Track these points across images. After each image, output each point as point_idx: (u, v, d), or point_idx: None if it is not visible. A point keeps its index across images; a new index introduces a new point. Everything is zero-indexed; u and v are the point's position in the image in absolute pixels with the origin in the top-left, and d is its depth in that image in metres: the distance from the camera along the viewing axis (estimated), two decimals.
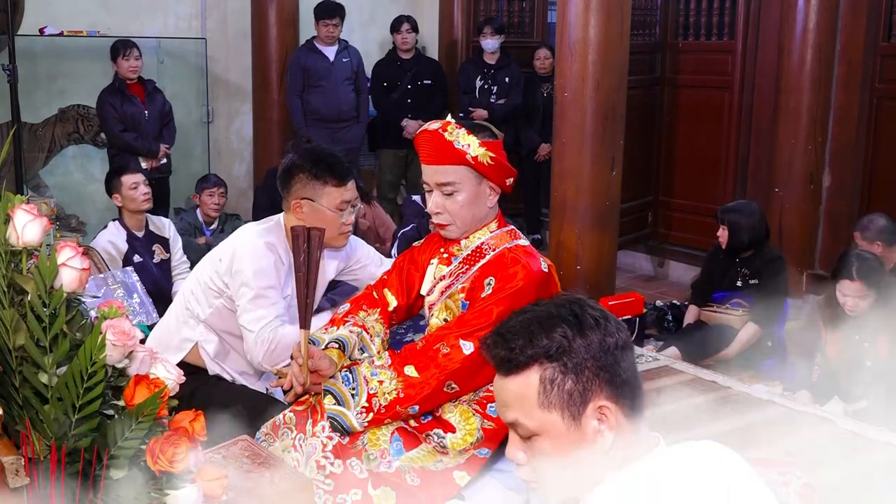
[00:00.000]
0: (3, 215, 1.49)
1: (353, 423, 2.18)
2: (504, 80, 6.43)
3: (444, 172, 2.26)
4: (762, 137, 5.52)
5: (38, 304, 1.44)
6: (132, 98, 5.57)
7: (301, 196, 2.67)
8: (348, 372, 2.22)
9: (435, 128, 2.27)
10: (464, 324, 2.21)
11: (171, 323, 2.86)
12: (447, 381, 2.19)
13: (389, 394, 2.17)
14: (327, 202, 2.66)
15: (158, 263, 4.48)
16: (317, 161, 2.68)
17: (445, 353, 2.17)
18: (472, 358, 2.17)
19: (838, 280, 3.70)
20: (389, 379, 2.18)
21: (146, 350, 1.56)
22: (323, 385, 2.22)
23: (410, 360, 2.20)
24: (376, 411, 2.18)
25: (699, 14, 5.92)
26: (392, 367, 2.20)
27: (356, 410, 2.18)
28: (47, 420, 1.42)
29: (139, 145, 5.56)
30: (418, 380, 2.17)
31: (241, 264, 2.65)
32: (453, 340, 2.18)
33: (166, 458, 1.44)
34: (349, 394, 2.19)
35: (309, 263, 2.32)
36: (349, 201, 2.70)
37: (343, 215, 2.68)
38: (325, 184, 2.66)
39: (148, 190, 4.42)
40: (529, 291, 2.21)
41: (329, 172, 2.65)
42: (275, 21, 6.33)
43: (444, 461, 2.22)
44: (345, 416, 2.18)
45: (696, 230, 5.89)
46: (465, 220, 2.30)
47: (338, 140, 6.08)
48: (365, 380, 2.19)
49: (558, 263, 4.62)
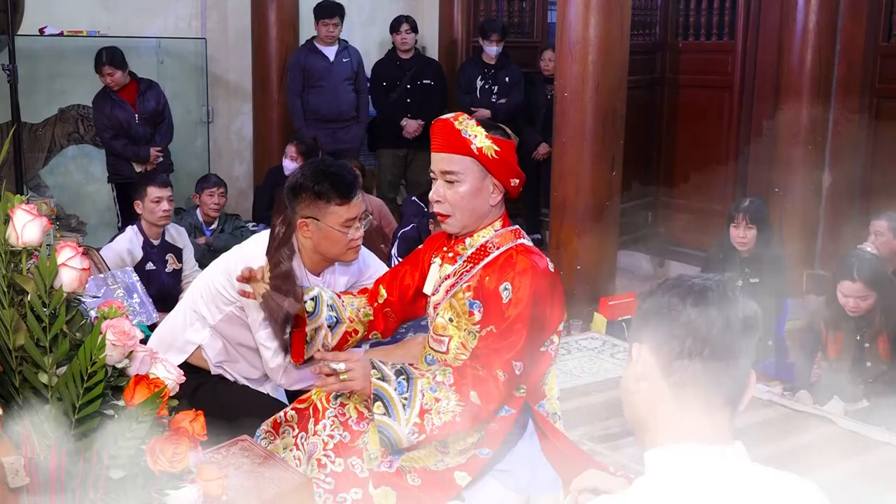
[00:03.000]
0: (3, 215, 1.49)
1: (402, 439, 2.09)
2: (504, 79, 6.43)
3: (449, 161, 2.27)
4: (762, 137, 5.52)
5: (38, 304, 1.44)
6: (121, 102, 5.56)
7: (306, 215, 2.61)
8: (405, 380, 2.11)
9: (447, 117, 2.30)
10: (501, 346, 2.16)
11: (176, 323, 2.82)
12: (500, 405, 2.18)
13: (446, 414, 2.09)
14: (332, 221, 2.59)
15: (170, 273, 4.50)
16: (319, 179, 2.59)
17: (504, 380, 2.14)
18: (521, 375, 2.18)
19: (839, 281, 3.70)
20: (448, 399, 2.10)
21: (146, 350, 1.56)
22: (373, 388, 2.10)
23: (474, 385, 2.12)
24: (429, 432, 2.09)
25: (699, 14, 5.92)
26: (455, 387, 2.11)
27: (409, 428, 2.07)
28: (47, 420, 1.42)
29: (128, 152, 5.57)
30: (479, 408, 2.12)
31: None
32: (507, 366, 2.14)
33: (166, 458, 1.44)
34: (400, 403, 2.08)
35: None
36: (355, 218, 2.62)
37: (350, 232, 2.61)
38: (329, 203, 2.57)
39: (169, 208, 4.44)
40: (545, 288, 2.21)
41: (332, 191, 2.57)
42: (275, 21, 6.34)
43: (445, 461, 2.22)
44: (393, 429, 2.08)
45: (696, 230, 5.89)
46: (465, 212, 2.29)
47: (338, 140, 6.09)
48: (421, 392, 2.10)
49: (558, 263, 4.62)
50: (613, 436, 3.48)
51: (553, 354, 2.33)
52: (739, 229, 4.24)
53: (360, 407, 2.26)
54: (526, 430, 2.35)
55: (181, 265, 4.56)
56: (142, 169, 5.57)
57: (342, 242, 2.61)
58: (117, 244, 4.44)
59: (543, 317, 2.22)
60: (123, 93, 5.58)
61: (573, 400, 3.84)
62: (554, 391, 2.39)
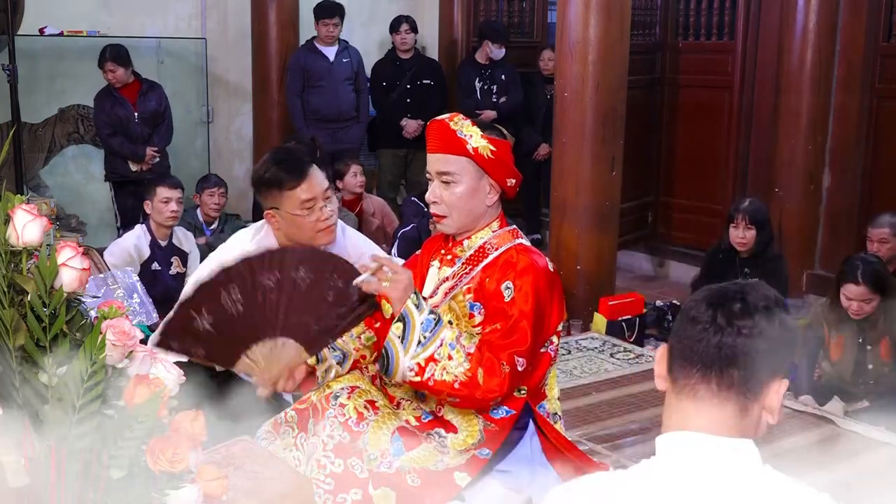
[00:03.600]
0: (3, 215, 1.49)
1: (399, 371, 2.10)
2: (501, 78, 6.44)
3: (445, 161, 2.26)
4: (762, 137, 5.52)
5: (38, 304, 1.44)
6: (122, 100, 5.57)
7: (268, 206, 2.59)
8: (434, 321, 2.10)
9: (443, 118, 2.29)
10: (506, 343, 2.15)
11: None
12: (496, 398, 2.16)
13: (448, 375, 2.09)
14: (290, 206, 2.55)
15: (174, 275, 4.51)
16: (268, 167, 2.56)
17: (507, 372, 2.13)
18: (523, 372, 2.16)
19: (843, 284, 3.69)
20: (460, 363, 2.09)
21: (146, 350, 1.56)
22: (402, 309, 2.08)
23: (484, 365, 2.12)
24: (425, 379, 2.09)
25: (699, 14, 5.92)
26: (470, 358, 2.11)
27: (411, 364, 2.08)
28: (47, 420, 1.42)
29: (124, 150, 5.58)
30: (479, 389, 2.11)
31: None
32: (511, 360, 2.13)
33: (166, 458, 1.44)
34: (418, 338, 2.08)
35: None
36: (313, 198, 2.55)
37: (312, 214, 2.56)
38: (282, 188, 2.54)
39: (178, 209, 4.46)
40: (545, 287, 2.21)
41: (282, 176, 2.53)
42: (275, 21, 6.34)
43: (445, 461, 2.22)
44: (397, 356, 2.09)
45: (696, 230, 5.89)
46: (461, 213, 2.29)
47: (338, 140, 6.09)
48: (440, 341, 2.09)
49: (558, 263, 4.62)
50: (613, 436, 3.49)
51: (553, 355, 2.33)
52: (739, 229, 4.24)
53: (359, 407, 2.26)
54: (526, 430, 2.35)
55: (185, 269, 4.57)
56: (137, 168, 5.59)
57: (307, 226, 2.56)
58: (125, 240, 4.46)
59: (544, 315, 2.22)
60: (125, 91, 5.59)
61: (573, 400, 3.84)
62: (554, 391, 2.39)
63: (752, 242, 4.24)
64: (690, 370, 1.28)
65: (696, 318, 1.29)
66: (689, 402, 1.28)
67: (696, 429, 1.27)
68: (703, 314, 1.28)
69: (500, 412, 2.25)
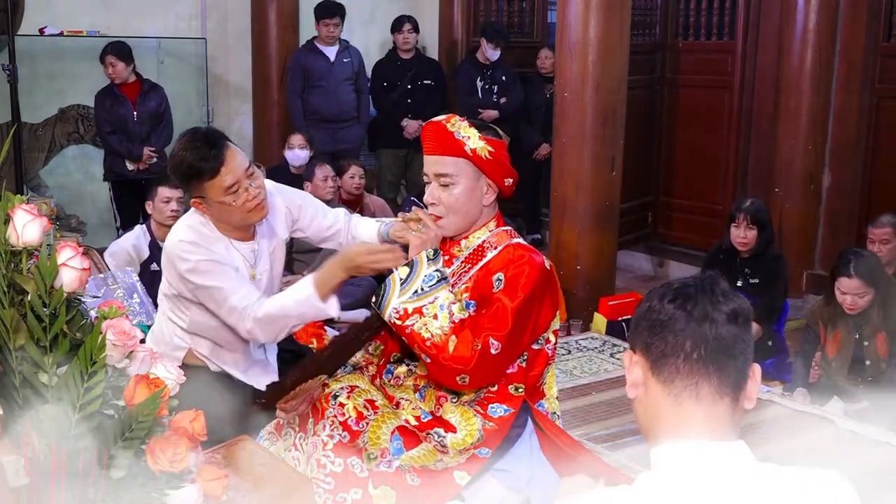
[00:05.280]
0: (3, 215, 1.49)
1: (387, 309, 2.18)
2: (502, 78, 6.44)
3: (442, 163, 2.27)
4: (762, 137, 5.52)
5: (38, 304, 1.44)
6: (122, 99, 5.58)
7: (193, 195, 2.50)
8: (438, 278, 2.20)
9: (439, 119, 2.30)
10: (487, 325, 2.17)
11: (163, 332, 2.75)
12: (462, 374, 2.16)
13: (425, 332, 2.15)
14: (215, 195, 2.44)
15: None
16: (182, 159, 2.44)
17: (479, 350, 2.14)
18: (496, 357, 2.16)
19: (836, 278, 3.70)
20: (441, 327, 2.16)
21: (146, 350, 1.56)
22: (416, 258, 2.21)
23: (459, 337, 2.15)
24: (403, 325, 2.17)
25: (699, 14, 5.92)
26: (452, 326, 2.16)
27: (399, 306, 2.17)
28: (47, 420, 1.42)
29: (121, 149, 5.58)
30: (446, 356, 2.14)
31: (184, 269, 2.49)
32: (485, 341, 2.15)
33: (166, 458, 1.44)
34: (416, 288, 2.17)
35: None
36: (236, 182, 2.43)
37: (238, 197, 2.44)
38: (201, 179, 2.43)
39: (178, 209, 4.45)
40: (537, 282, 2.21)
41: (199, 166, 2.41)
42: (275, 21, 6.34)
43: (445, 460, 2.22)
44: (391, 295, 2.18)
45: (696, 230, 5.89)
46: (459, 214, 2.30)
47: (338, 140, 6.09)
48: (434, 298, 2.18)
49: (558, 263, 4.62)
50: (613, 436, 3.49)
51: (550, 353, 2.33)
52: (740, 229, 4.24)
53: (359, 407, 2.26)
54: (525, 429, 2.35)
55: None
56: (134, 168, 5.59)
57: (237, 210, 2.47)
58: (124, 240, 4.48)
59: (532, 308, 2.21)
60: (126, 90, 5.60)
61: (573, 400, 3.85)
62: (553, 391, 2.39)
63: (754, 242, 4.24)
64: (690, 369, 1.26)
65: (674, 318, 1.26)
66: (691, 403, 1.26)
67: (696, 433, 1.25)
68: (677, 312, 1.26)
69: (498, 411, 2.25)
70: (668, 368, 1.27)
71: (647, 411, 1.31)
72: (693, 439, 1.25)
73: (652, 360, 1.29)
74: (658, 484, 1.24)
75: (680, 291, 1.29)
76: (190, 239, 2.50)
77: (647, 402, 1.31)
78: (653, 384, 1.29)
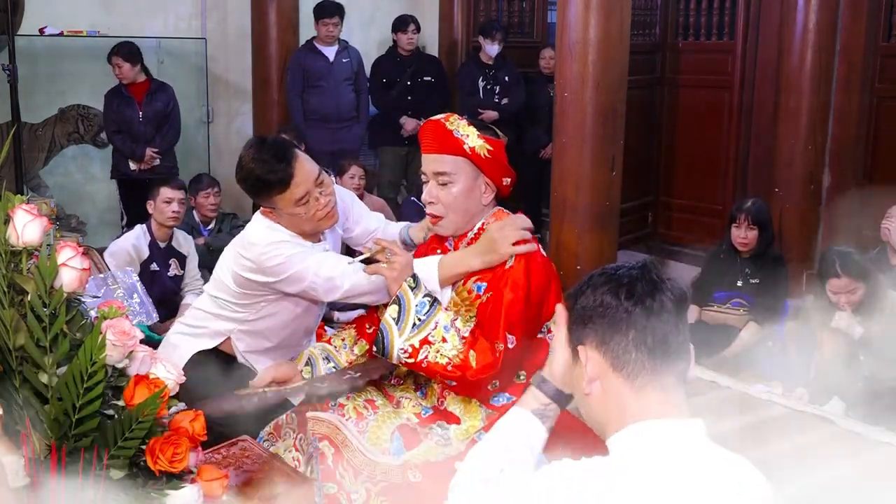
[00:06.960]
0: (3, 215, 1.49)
1: (394, 353, 2.14)
2: (504, 79, 6.43)
3: (441, 162, 2.27)
4: (762, 137, 5.52)
5: (38, 304, 1.44)
6: (129, 100, 5.60)
7: (263, 205, 2.51)
8: (430, 303, 2.16)
9: (438, 118, 2.30)
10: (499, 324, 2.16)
11: (206, 317, 2.69)
12: (492, 381, 2.15)
13: (442, 357, 2.12)
14: (285, 206, 2.44)
15: (171, 277, 4.53)
16: (247, 177, 2.44)
17: (501, 350, 2.12)
18: (514, 350, 2.14)
19: (825, 280, 3.70)
20: (454, 346, 2.13)
21: (146, 350, 1.56)
22: (398, 291, 2.16)
23: (477, 348, 2.13)
24: (419, 361, 2.13)
25: (699, 14, 5.92)
26: (465, 341, 2.13)
27: (405, 346, 2.13)
28: (47, 420, 1.42)
29: (125, 148, 5.60)
30: (472, 371, 2.12)
31: (273, 265, 2.45)
32: (503, 338, 2.13)
33: (166, 458, 1.44)
34: (412, 320, 2.14)
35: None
36: (307, 194, 2.42)
37: (310, 208, 2.44)
38: (270, 192, 2.42)
39: (180, 209, 4.47)
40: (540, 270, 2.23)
41: (268, 178, 2.40)
42: (275, 21, 6.33)
43: (447, 451, 2.21)
44: (392, 337, 2.14)
45: (696, 230, 5.89)
46: (458, 212, 2.29)
47: (338, 140, 6.09)
48: (435, 323, 2.14)
49: (558, 263, 4.61)
50: None
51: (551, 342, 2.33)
52: (741, 230, 4.24)
53: (359, 407, 2.26)
54: None
55: (182, 272, 4.58)
56: (137, 167, 5.59)
57: (308, 219, 2.46)
58: (124, 240, 4.48)
59: (539, 299, 2.21)
60: (133, 90, 5.62)
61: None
62: None
63: (755, 243, 4.24)
64: (654, 365, 1.28)
65: (632, 314, 1.28)
66: (656, 394, 1.28)
67: (657, 416, 1.27)
68: (635, 308, 1.28)
69: (500, 399, 2.24)
70: (631, 364, 1.29)
71: (604, 406, 1.32)
72: (649, 420, 1.27)
73: (612, 357, 1.30)
74: (617, 464, 1.25)
75: (628, 285, 1.30)
76: (278, 239, 2.46)
77: (605, 399, 1.32)
78: (613, 379, 1.30)
